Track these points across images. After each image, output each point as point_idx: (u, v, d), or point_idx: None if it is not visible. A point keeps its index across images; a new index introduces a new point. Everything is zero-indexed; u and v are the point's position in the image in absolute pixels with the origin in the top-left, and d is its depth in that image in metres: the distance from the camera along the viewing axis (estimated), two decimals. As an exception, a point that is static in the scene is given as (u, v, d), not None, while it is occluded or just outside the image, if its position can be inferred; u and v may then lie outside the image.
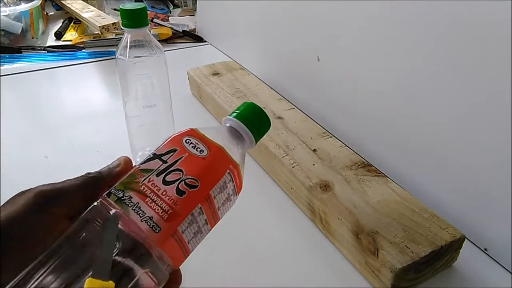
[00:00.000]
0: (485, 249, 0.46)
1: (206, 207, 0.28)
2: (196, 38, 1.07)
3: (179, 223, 0.26)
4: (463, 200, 0.46)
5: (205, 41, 1.06)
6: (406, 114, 0.52)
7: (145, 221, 0.25)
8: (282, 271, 0.44)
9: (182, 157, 0.28)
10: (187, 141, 0.29)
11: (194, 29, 1.10)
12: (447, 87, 0.46)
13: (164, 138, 0.30)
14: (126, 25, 0.48)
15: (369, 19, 0.55)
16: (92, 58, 0.95)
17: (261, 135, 0.33)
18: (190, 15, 1.20)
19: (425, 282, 0.42)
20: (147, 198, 0.26)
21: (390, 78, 0.53)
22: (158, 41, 0.55)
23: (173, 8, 1.28)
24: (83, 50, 0.98)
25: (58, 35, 1.07)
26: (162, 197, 0.26)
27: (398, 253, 0.39)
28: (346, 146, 0.55)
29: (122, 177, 0.28)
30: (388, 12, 0.51)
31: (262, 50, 0.83)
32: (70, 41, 1.04)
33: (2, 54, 0.94)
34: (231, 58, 0.91)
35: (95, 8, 1.12)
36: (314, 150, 0.54)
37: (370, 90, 0.57)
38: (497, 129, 0.41)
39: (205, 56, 0.99)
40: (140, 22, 0.48)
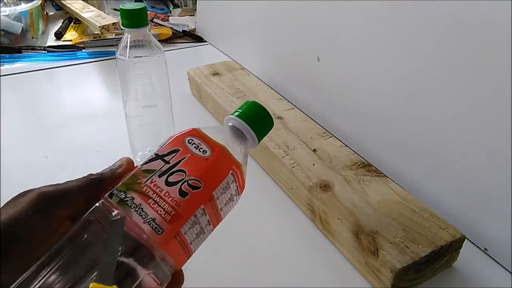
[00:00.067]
0: (485, 249, 0.46)
1: (209, 208, 0.28)
2: (196, 38, 1.07)
3: (182, 225, 0.26)
4: (463, 200, 0.46)
5: (205, 41, 1.06)
6: (406, 114, 0.52)
7: (147, 222, 0.25)
8: (282, 271, 0.44)
9: (184, 157, 0.28)
10: (190, 141, 0.29)
11: (194, 29, 1.10)
12: (447, 87, 0.46)
13: (164, 138, 0.30)
14: (126, 25, 0.48)
15: (369, 19, 0.55)
16: (92, 58, 0.95)
17: (264, 134, 0.33)
18: (190, 15, 1.20)
19: (425, 282, 0.42)
20: (150, 200, 0.26)
21: (390, 78, 0.53)
22: (158, 41, 0.55)
23: (173, 8, 1.28)
24: (83, 50, 0.98)
25: (58, 35, 1.07)
26: (165, 198, 0.26)
27: (398, 253, 0.39)
28: (346, 146, 0.55)
29: (123, 177, 0.28)
30: (388, 12, 0.51)
31: (262, 50, 0.83)
32: (70, 41, 1.04)
33: (2, 54, 0.94)
34: (231, 58, 0.91)
35: (95, 8, 1.12)
36: (314, 150, 0.54)
37: (370, 90, 0.57)
38: (497, 129, 0.41)
39: (205, 56, 0.99)
40: (140, 22, 0.48)
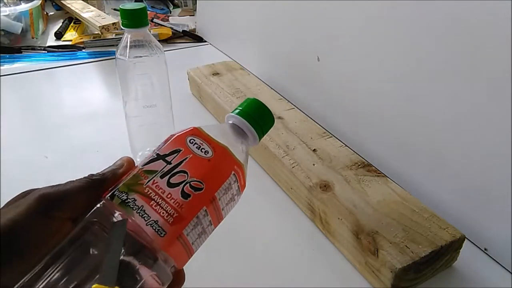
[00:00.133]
0: (485, 249, 0.46)
1: (211, 209, 0.27)
2: (196, 38, 1.07)
3: (184, 227, 0.26)
4: (463, 200, 0.46)
5: (205, 41, 1.06)
6: (406, 114, 0.52)
7: (150, 225, 0.25)
8: (282, 271, 0.44)
9: (186, 158, 0.27)
10: (191, 141, 0.28)
11: (194, 29, 1.10)
12: (447, 87, 0.46)
13: (164, 138, 0.29)
14: (126, 25, 0.48)
15: (369, 19, 0.55)
16: (92, 58, 0.95)
17: (265, 132, 0.32)
18: (190, 15, 1.20)
19: (425, 282, 0.42)
20: (152, 201, 0.25)
21: (390, 78, 0.53)
22: (158, 41, 0.55)
23: (173, 8, 1.28)
24: (83, 50, 0.98)
25: (58, 35, 1.07)
26: (167, 200, 0.26)
27: (398, 253, 0.39)
28: (346, 146, 0.55)
29: (124, 176, 0.27)
30: (388, 12, 0.51)
31: (262, 50, 0.83)
32: (70, 41, 1.04)
33: (2, 54, 0.94)
34: (231, 58, 0.91)
35: (95, 8, 1.12)
36: (314, 150, 0.54)
37: (370, 90, 0.57)
38: (497, 129, 0.41)
39: (205, 56, 0.99)
40: (140, 22, 0.48)
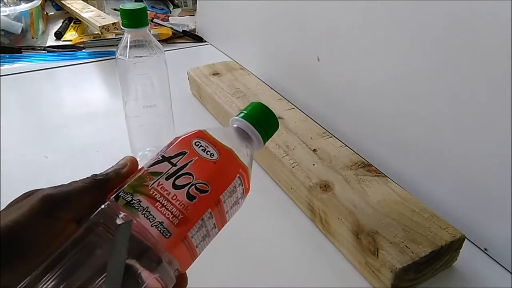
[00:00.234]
0: (485, 249, 0.46)
1: (215, 212, 0.27)
2: (196, 38, 1.07)
3: (190, 229, 0.26)
4: (463, 200, 0.46)
5: (205, 41, 1.06)
6: (406, 114, 0.52)
7: (155, 226, 0.25)
8: (282, 271, 0.44)
9: (192, 160, 0.28)
10: (197, 143, 0.28)
11: (194, 29, 1.10)
12: (447, 87, 0.46)
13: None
14: (126, 25, 0.48)
15: (369, 19, 0.55)
16: (92, 58, 0.95)
17: (269, 136, 0.32)
18: (190, 15, 1.20)
19: (425, 282, 0.42)
20: (157, 203, 0.25)
21: (390, 78, 0.53)
22: (158, 41, 0.55)
23: (173, 8, 1.28)
24: (83, 50, 0.98)
25: (58, 35, 1.07)
26: (172, 201, 0.26)
27: (398, 253, 0.39)
28: (346, 146, 0.55)
29: (129, 178, 0.27)
30: (388, 12, 0.51)
31: (262, 50, 0.83)
32: (70, 41, 1.04)
33: (2, 54, 0.94)
34: (231, 58, 0.91)
35: (95, 8, 1.12)
36: (314, 150, 0.54)
37: (370, 90, 0.57)
38: (497, 129, 0.41)
39: (205, 56, 0.99)
40: (140, 22, 0.48)
